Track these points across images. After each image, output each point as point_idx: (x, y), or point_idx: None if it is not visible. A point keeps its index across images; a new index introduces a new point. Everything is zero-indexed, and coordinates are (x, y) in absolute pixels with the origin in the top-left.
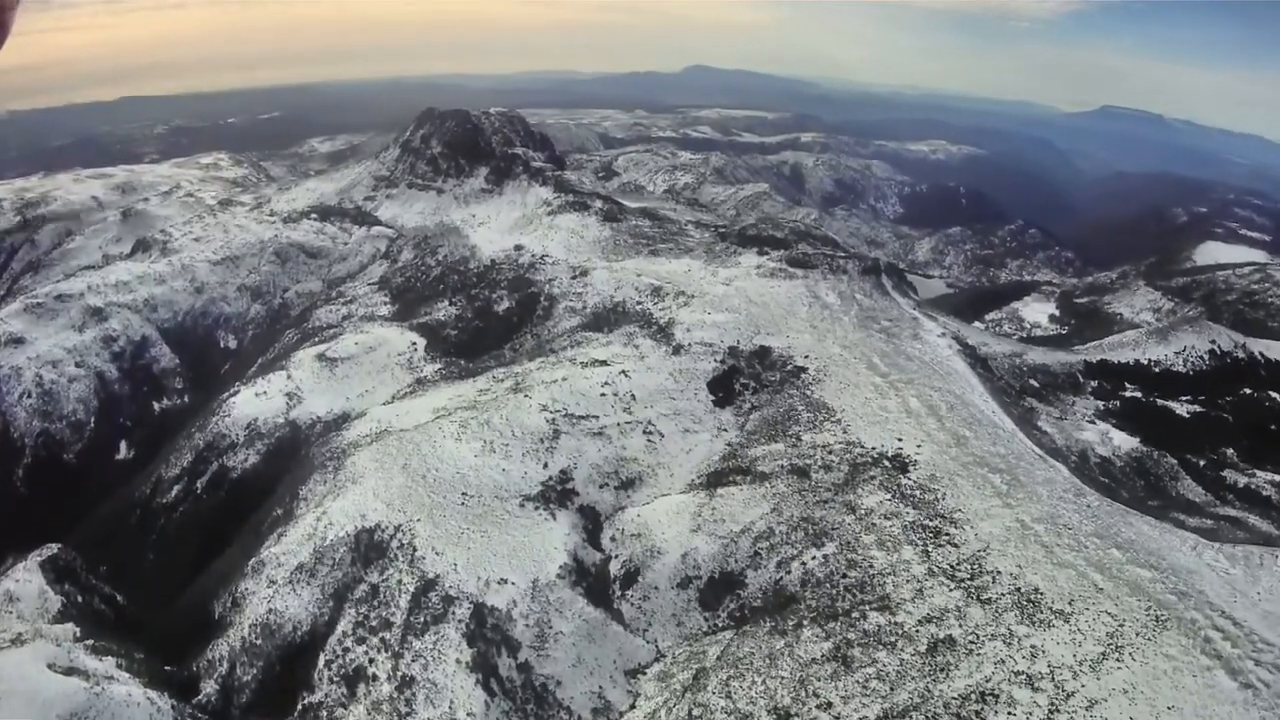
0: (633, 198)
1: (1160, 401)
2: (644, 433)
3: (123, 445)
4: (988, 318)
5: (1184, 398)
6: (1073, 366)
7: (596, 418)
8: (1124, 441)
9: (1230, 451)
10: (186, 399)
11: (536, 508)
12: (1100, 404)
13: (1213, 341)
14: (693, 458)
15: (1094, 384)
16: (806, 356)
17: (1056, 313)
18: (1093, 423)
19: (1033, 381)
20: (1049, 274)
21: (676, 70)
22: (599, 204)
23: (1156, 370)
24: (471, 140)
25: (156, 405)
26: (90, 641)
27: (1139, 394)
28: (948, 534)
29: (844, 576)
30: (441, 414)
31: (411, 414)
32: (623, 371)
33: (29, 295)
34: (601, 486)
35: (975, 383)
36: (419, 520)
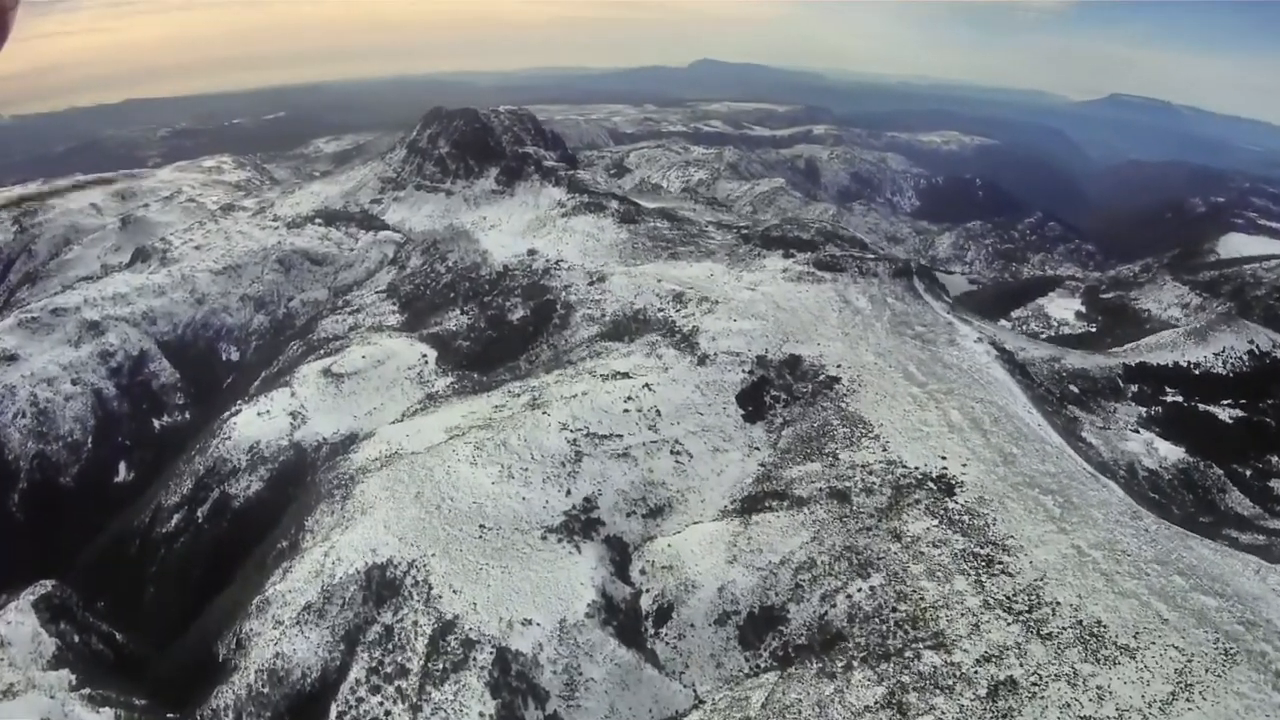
0: (649, 197)
1: (1202, 407)
2: (671, 453)
3: (122, 466)
4: (1013, 315)
5: (1225, 402)
6: (1112, 371)
7: (620, 437)
8: (1169, 452)
9: (1275, 459)
10: (188, 415)
11: (560, 540)
12: (1142, 411)
13: (1251, 341)
14: (724, 480)
15: (1134, 389)
16: (839, 365)
17: (1083, 309)
18: (1136, 431)
19: (1073, 388)
20: (1071, 268)
21: (684, 65)
22: (615, 205)
23: (1196, 373)
24: (480, 140)
25: (156, 423)
26: (87, 690)
27: (1180, 398)
28: (1001, 562)
29: (894, 611)
30: (455, 434)
31: (423, 434)
32: (646, 385)
33: (23, 309)
34: (629, 515)
35: (1017, 392)
36: (434, 555)
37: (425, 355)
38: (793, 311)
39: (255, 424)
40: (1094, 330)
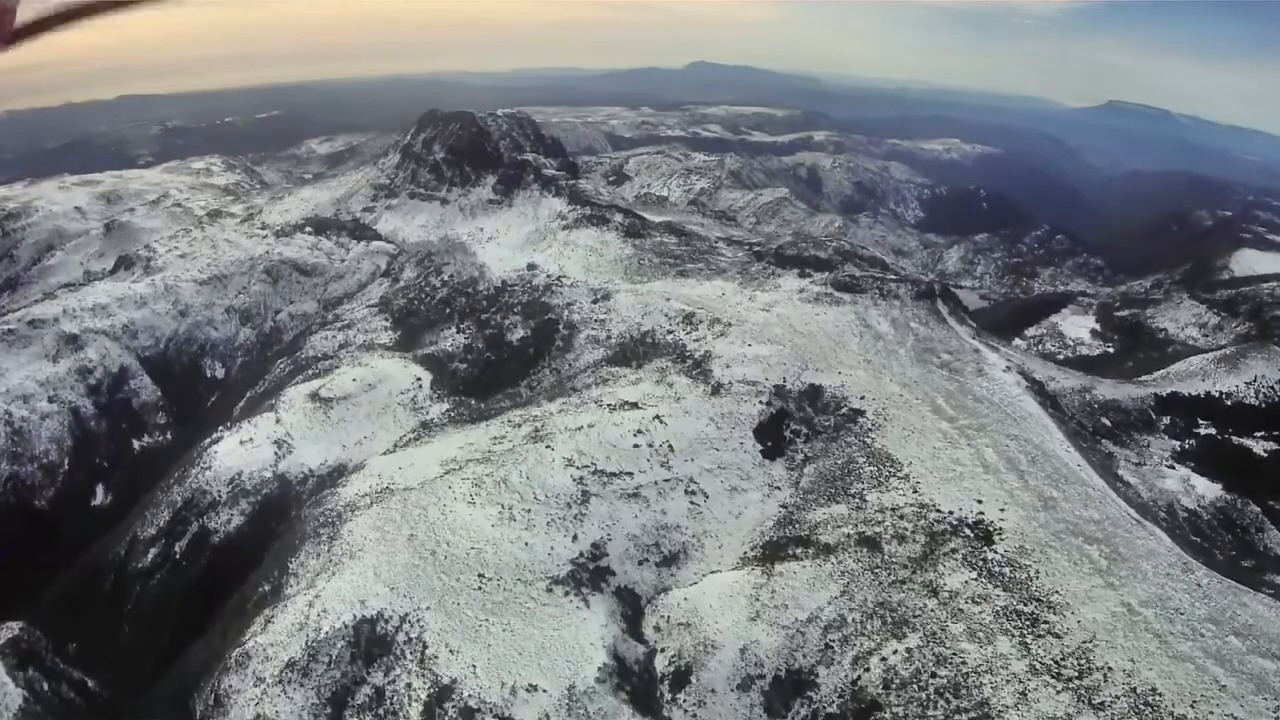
0: (654, 209)
1: (1236, 439)
2: (686, 493)
3: (99, 490)
4: (1028, 334)
5: (1259, 434)
6: (1144, 402)
7: (630, 475)
8: (1207, 490)
9: None
10: (169, 436)
11: (566, 592)
12: (1176, 444)
13: None
14: (743, 524)
15: (1166, 421)
16: (862, 397)
17: (1098, 327)
18: (1172, 468)
19: (1105, 420)
20: (1081, 283)
21: (679, 66)
22: (619, 217)
23: (1229, 403)
24: (477, 145)
25: (136, 443)
26: None
27: (1213, 430)
28: (1047, 621)
29: (933, 677)
30: (451, 468)
31: (416, 467)
32: (657, 417)
33: None
34: (641, 563)
35: (1052, 428)
36: (429, 608)
37: (419, 378)
38: (811, 336)
39: (237, 453)
40: (1112, 351)
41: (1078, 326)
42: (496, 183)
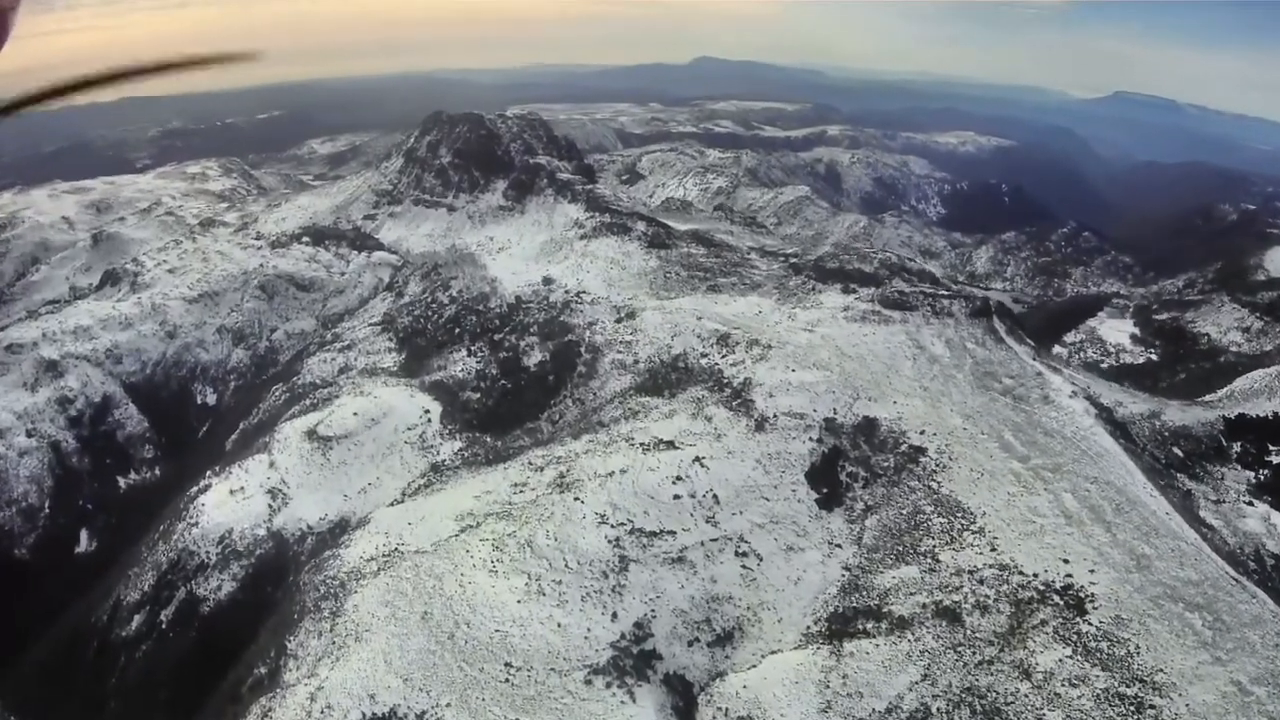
0: (678, 216)
1: None
2: (737, 554)
3: (83, 535)
4: (1067, 340)
5: None
6: (1214, 427)
7: (673, 534)
8: None
9: None
10: (158, 471)
11: (608, 683)
12: (1250, 475)
13: None
14: (803, 591)
15: (1237, 448)
16: (922, 431)
17: (1137, 332)
18: (1250, 504)
19: (1176, 450)
20: (1112, 283)
21: (684, 61)
22: (641, 226)
23: None
24: (486, 148)
25: (122, 481)
26: None
27: None
28: (1153, 707)
29: None
30: (467, 524)
31: (428, 522)
32: (697, 459)
33: None
34: (691, 643)
35: (1131, 467)
36: (449, 705)
37: (428, 410)
38: (860, 360)
39: (227, 506)
40: (1155, 358)
41: (1116, 331)
42: (507, 188)
